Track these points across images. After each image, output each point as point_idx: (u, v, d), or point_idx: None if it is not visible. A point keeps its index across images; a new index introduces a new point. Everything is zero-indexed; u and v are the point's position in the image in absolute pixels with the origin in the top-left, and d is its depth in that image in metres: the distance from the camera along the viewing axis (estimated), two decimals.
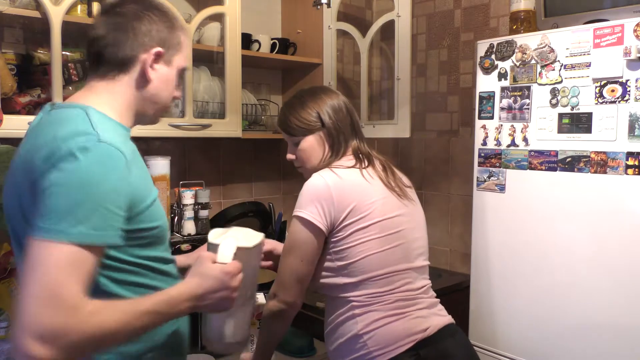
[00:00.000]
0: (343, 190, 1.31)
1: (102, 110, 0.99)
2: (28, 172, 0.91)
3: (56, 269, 0.82)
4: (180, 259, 1.23)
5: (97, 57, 1.02)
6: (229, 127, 1.95)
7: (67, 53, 1.66)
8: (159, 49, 1.03)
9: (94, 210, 0.85)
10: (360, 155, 1.42)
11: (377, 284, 1.32)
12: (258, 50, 2.25)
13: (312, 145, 1.42)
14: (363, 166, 1.39)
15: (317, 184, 1.32)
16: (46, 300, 0.80)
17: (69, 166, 0.86)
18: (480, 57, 1.85)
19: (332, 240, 1.32)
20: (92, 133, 0.90)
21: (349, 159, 1.41)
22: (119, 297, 0.95)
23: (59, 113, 0.98)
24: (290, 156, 1.48)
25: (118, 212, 0.89)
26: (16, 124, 1.49)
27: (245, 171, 2.42)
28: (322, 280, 1.36)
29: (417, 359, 1.28)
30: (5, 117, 1.47)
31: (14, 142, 1.54)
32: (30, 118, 1.52)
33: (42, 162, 0.88)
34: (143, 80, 1.03)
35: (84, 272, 0.84)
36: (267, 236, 2.21)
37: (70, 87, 1.67)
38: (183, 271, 1.10)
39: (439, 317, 1.37)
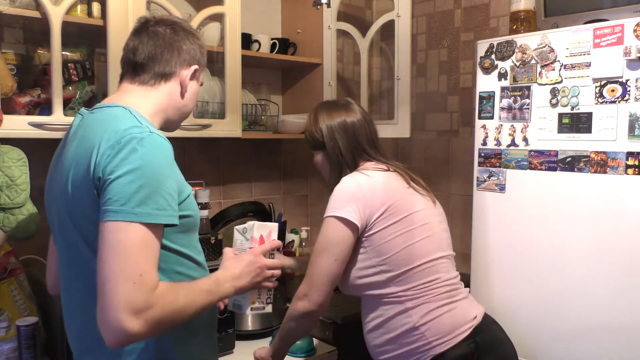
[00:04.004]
0: (375, 189, 1.37)
1: (138, 111, 1.08)
2: (82, 166, 0.98)
3: (134, 250, 0.90)
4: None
5: (138, 65, 1.14)
6: (229, 127, 1.95)
7: (67, 53, 1.66)
8: (196, 67, 1.19)
9: (155, 192, 0.94)
10: (379, 164, 1.48)
11: (420, 275, 1.36)
12: (258, 50, 2.25)
13: (320, 161, 1.53)
14: (387, 169, 1.45)
15: (350, 184, 1.38)
16: (133, 278, 0.89)
17: (132, 156, 0.94)
18: (480, 57, 1.85)
19: (366, 236, 1.36)
20: (142, 126, 1.00)
21: (372, 164, 1.46)
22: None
23: (104, 111, 1.07)
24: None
25: (173, 194, 0.98)
26: (16, 124, 1.49)
27: (245, 171, 2.42)
28: (362, 280, 1.39)
29: (475, 345, 1.34)
30: (5, 117, 1.47)
31: (14, 142, 1.54)
32: (31, 118, 1.53)
33: (101, 154, 0.96)
34: (179, 92, 1.17)
35: (154, 253, 0.94)
36: None
37: (70, 87, 1.67)
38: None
39: (478, 305, 1.46)
